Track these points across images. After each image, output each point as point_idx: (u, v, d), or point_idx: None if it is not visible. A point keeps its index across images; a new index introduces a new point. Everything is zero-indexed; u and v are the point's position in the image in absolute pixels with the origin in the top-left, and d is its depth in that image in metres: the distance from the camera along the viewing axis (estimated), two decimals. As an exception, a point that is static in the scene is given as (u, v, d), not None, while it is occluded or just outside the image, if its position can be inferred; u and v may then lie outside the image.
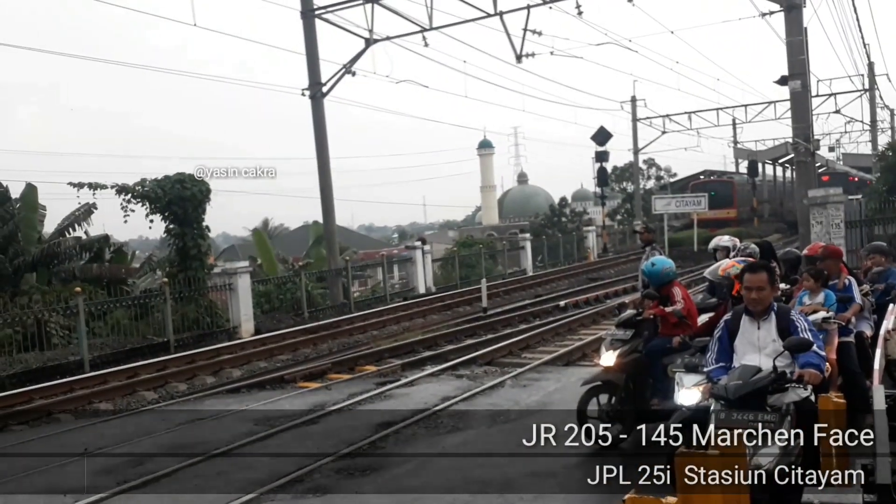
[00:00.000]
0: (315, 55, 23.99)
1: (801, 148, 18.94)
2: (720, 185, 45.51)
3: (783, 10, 18.58)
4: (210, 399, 12.36)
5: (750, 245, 10.65)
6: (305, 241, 32.84)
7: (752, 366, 5.34)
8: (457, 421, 9.52)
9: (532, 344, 15.51)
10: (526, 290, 26.39)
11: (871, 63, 43.22)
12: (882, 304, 8.24)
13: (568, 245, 39.16)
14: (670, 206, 37.41)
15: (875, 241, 13.08)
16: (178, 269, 18.95)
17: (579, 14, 20.81)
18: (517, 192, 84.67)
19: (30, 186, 20.82)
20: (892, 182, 22.51)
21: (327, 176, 24.60)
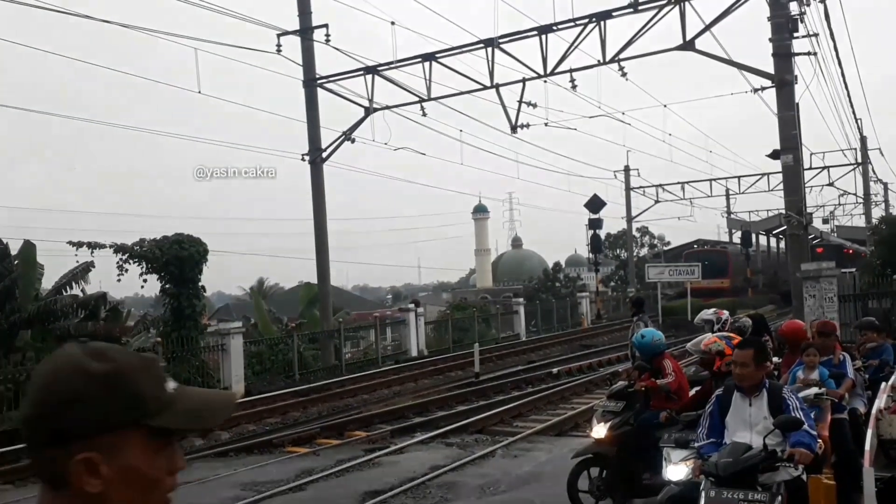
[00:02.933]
0: (316, 122, 24.46)
1: (794, 221, 19.03)
2: (714, 254, 45.79)
3: (774, 85, 18.93)
4: (197, 462, 12.11)
5: (740, 318, 10.73)
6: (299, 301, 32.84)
7: (743, 443, 5.33)
8: (445, 491, 9.35)
9: (524, 412, 15.43)
10: (519, 355, 26.32)
11: (864, 137, 43.84)
12: (876, 380, 8.19)
13: (562, 310, 39.18)
14: (664, 275, 37.51)
15: (869, 315, 13.01)
16: (172, 328, 18.97)
17: (573, 88, 21.19)
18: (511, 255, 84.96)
19: (28, 244, 20.88)
20: (887, 256, 22.58)
21: (324, 238, 24.78)
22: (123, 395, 1.20)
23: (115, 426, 1.19)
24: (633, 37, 19.87)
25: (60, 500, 1.20)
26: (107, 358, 1.22)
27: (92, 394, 1.18)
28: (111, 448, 1.19)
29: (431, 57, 22.07)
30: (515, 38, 21.46)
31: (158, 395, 1.24)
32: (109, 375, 1.20)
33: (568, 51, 20.74)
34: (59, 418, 1.18)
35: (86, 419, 1.18)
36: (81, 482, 1.17)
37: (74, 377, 1.19)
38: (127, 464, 1.20)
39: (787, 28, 18.29)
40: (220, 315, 32.98)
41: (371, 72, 23.04)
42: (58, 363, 1.23)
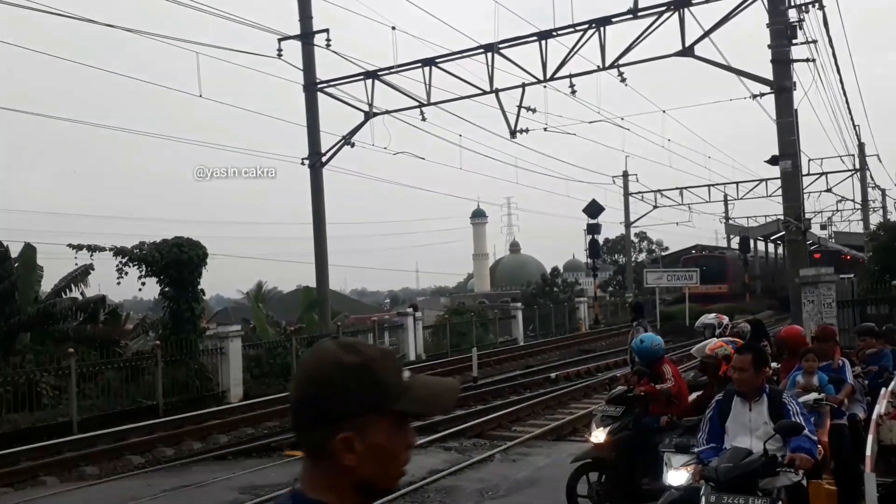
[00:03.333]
0: (316, 127, 24.50)
1: (793, 227, 19.09)
2: (712, 260, 45.88)
3: (773, 92, 19.00)
4: (196, 465, 12.22)
5: (739, 324, 10.74)
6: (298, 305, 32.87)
7: (743, 448, 5.32)
8: (444, 496, 9.36)
9: (522, 416, 15.45)
10: (517, 360, 26.37)
11: (862, 144, 43.97)
12: (875, 386, 8.18)
13: (560, 315, 39.23)
14: (662, 280, 37.60)
15: (867, 321, 12.96)
16: (171, 331, 18.98)
17: (573, 93, 21.26)
18: (509, 260, 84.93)
19: (28, 247, 20.92)
20: (885, 262, 22.63)
21: (323, 242, 24.82)
22: (371, 383, 1.44)
23: (366, 409, 1.43)
24: (633, 43, 19.96)
25: (321, 469, 1.44)
26: (357, 352, 1.47)
27: (347, 382, 1.43)
28: (363, 428, 1.42)
29: (431, 62, 22.14)
30: (515, 43, 21.55)
31: (398, 383, 1.48)
32: (359, 367, 1.44)
33: (567, 56, 20.82)
34: (321, 402, 1.42)
35: (343, 403, 1.42)
36: (341, 457, 1.41)
37: (332, 368, 1.43)
38: (375, 441, 1.43)
39: (785, 35, 18.40)
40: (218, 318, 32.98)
41: (371, 76, 23.10)
42: (318, 356, 1.47)
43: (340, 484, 1.43)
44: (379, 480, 1.47)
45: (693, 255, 47.70)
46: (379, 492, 1.49)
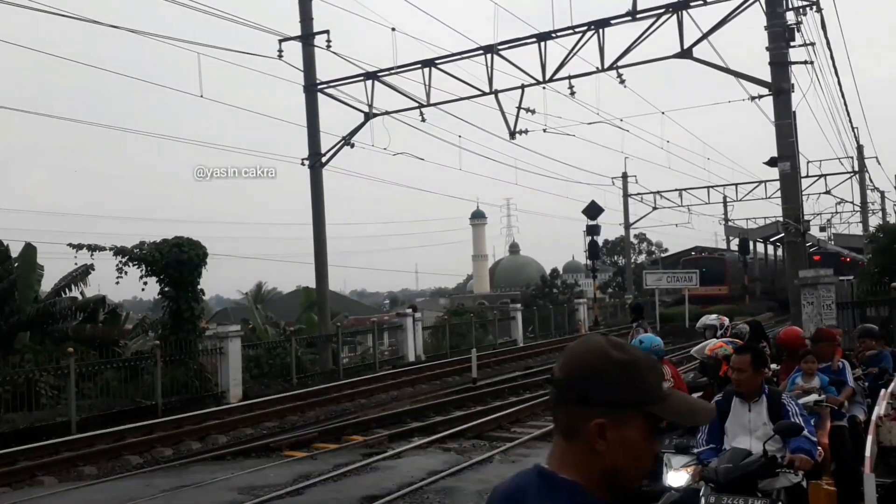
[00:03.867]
0: (316, 127, 24.53)
1: (792, 228, 19.14)
2: (712, 261, 45.95)
3: (772, 94, 19.04)
4: (195, 465, 12.20)
5: (738, 325, 10.74)
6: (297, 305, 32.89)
7: (743, 449, 5.33)
8: (443, 497, 9.36)
9: (522, 418, 15.44)
10: (516, 361, 26.38)
11: (861, 146, 44.07)
12: (875, 387, 8.17)
13: (559, 316, 39.27)
14: (661, 282, 37.66)
15: (867, 322, 12.94)
16: (171, 331, 18.99)
17: (572, 94, 21.29)
18: (509, 262, 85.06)
19: (29, 246, 20.95)
20: (885, 264, 22.64)
21: (322, 243, 24.84)
22: (635, 381, 1.53)
23: (624, 404, 1.52)
24: (632, 44, 19.99)
25: (571, 447, 1.53)
26: (625, 351, 1.56)
27: (611, 374, 1.52)
28: (618, 420, 1.51)
29: (431, 63, 22.15)
30: (514, 44, 21.55)
31: (658, 389, 1.56)
32: (626, 364, 1.54)
33: (567, 58, 20.83)
34: (583, 386, 1.52)
35: (604, 392, 1.51)
36: (592, 440, 1.50)
37: (599, 358, 1.53)
38: (627, 435, 1.51)
39: (783, 37, 18.44)
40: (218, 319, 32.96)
41: (371, 77, 23.11)
42: (588, 345, 1.58)
43: (589, 466, 1.51)
44: (623, 471, 1.53)
45: (692, 257, 47.77)
46: (620, 485, 1.55)
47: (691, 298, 37.16)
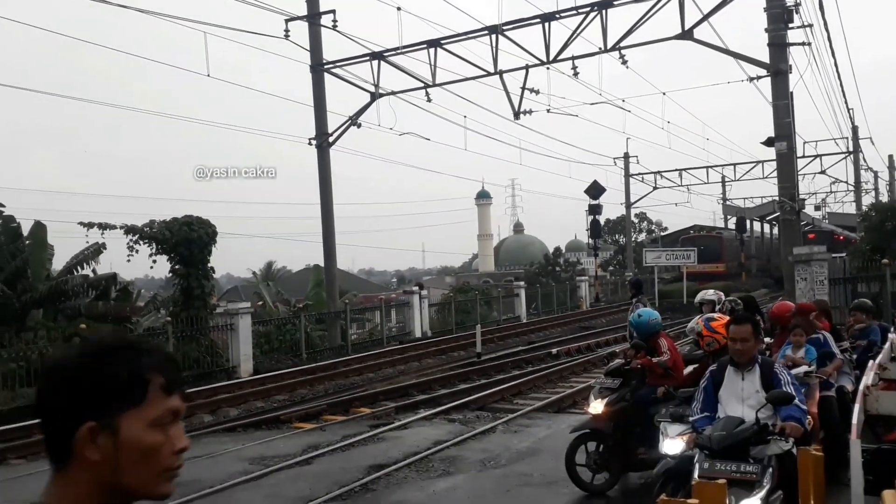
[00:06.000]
0: (323, 107, 24.62)
1: (787, 207, 19.38)
2: (709, 240, 46.11)
3: (770, 75, 19.23)
4: (207, 437, 12.40)
5: (725, 300, 11.00)
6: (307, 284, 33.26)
7: (736, 417, 5.43)
8: (448, 465, 9.57)
9: (524, 390, 15.75)
10: (520, 336, 26.67)
11: (856, 127, 44.22)
12: (864, 360, 8.29)
13: (561, 294, 39.57)
14: (661, 259, 37.93)
15: (859, 298, 13.18)
16: (182, 308, 19.27)
17: (575, 75, 21.41)
18: (513, 241, 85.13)
19: (38, 224, 21.08)
20: (876, 242, 22.89)
21: (330, 221, 25.04)
22: None
23: None
24: (634, 25, 20.05)
25: None
26: None
27: None
28: None
29: (436, 43, 22.18)
30: (519, 25, 21.60)
31: None
32: None
33: (570, 38, 20.88)
34: None
35: None
36: None
37: None
38: None
39: (782, 18, 18.62)
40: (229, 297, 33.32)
41: (377, 58, 23.14)
42: None
43: None
44: None
45: (691, 236, 47.89)
46: None
47: (689, 275, 37.42)
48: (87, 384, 1.32)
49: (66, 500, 1.31)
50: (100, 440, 1.30)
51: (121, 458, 1.31)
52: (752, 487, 5.12)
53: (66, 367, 1.34)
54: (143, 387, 1.34)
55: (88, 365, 1.33)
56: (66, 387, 1.32)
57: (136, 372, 1.35)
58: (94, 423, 1.29)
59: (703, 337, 7.16)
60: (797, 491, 5.11)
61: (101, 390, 1.32)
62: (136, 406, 1.33)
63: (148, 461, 1.34)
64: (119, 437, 1.31)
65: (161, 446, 1.35)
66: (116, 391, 1.32)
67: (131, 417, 1.32)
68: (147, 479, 1.34)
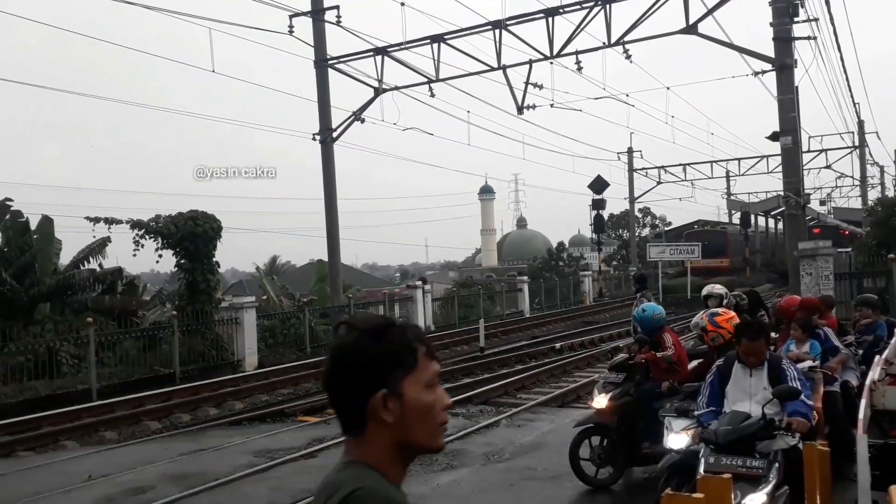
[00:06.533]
0: (327, 102, 24.64)
1: (792, 201, 19.36)
2: (713, 234, 46.06)
3: (775, 69, 19.20)
4: (212, 430, 12.53)
5: (730, 295, 10.98)
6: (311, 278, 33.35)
7: (742, 412, 5.42)
8: (451, 459, 9.59)
9: (528, 384, 15.76)
10: (523, 331, 26.69)
11: (862, 121, 44.10)
12: (870, 355, 8.23)
13: (565, 289, 39.56)
14: (665, 254, 37.86)
15: (864, 293, 13.09)
16: (187, 302, 19.31)
17: (579, 70, 21.42)
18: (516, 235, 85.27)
19: (46, 219, 21.16)
20: (882, 236, 22.81)
21: (334, 216, 25.08)
22: None
23: None
24: (638, 20, 19.99)
25: None
26: None
27: None
28: None
29: (440, 38, 22.16)
30: (523, 20, 21.56)
31: None
32: None
33: (574, 33, 20.83)
34: None
35: None
36: None
37: None
38: None
39: (787, 12, 18.55)
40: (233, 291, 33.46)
41: (380, 53, 23.13)
42: None
43: None
44: None
45: (695, 230, 47.86)
46: None
47: (693, 270, 37.39)
48: (373, 359, 1.52)
49: (371, 458, 1.53)
50: (390, 404, 1.50)
51: (407, 418, 1.52)
52: (757, 482, 5.10)
53: (352, 346, 1.55)
54: (413, 355, 1.55)
55: (370, 343, 1.54)
56: (356, 363, 1.52)
57: (407, 343, 1.56)
58: (385, 391, 1.50)
59: (707, 332, 7.13)
60: (803, 486, 5.08)
61: (385, 362, 1.52)
62: (411, 372, 1.54)
63: (427, 418, 1.55)
64: (404, 400, 1.52)
65: (435, 404, 1.57)
66: (397, 361, 1.53)
67: (410, 382, 1.53)
68: (428, 434, 1.57)
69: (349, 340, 1.56)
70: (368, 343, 1.54)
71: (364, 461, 1.54)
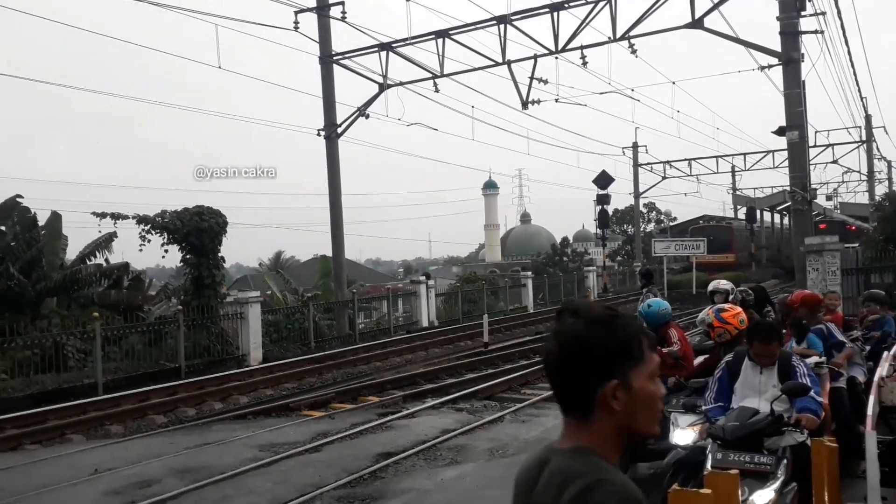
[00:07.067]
0: (331, 98, 24.63)
1: (798, 197, 19.26)
2: (719, 230, 45.97)
3: (781, 63, 19.09)
4: (217, 424, 12.55)
5: (736, 290, 10.93)
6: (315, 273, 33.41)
7: (750, 408, 5.39)
8: (455, 454, 9.63)
9: (532, 380, 15.74)
10: (527, 326, 26.70)
11: (869, 116, 43.87)
12: (877, 351, 8.27)
13: (569, 284, 39.53)
14: (670, 250, 37.84)
15: (871, 289, 12.90)
16: (193, 297, 19.42)
17: (584, 64, 21.33)
18: (520, 231, 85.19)
19: (55, 214, 21.30)
20: (890, 232, 22.65)
21: (338, 212, 25.09)
22: None
23: None
24: (644, 14, 19.91)
25: None
26: None
27: None
28: None
29: (445, 34, 22.10)
30: (528, 14, 21.48)
31: None
32: None
33: (579, 28, 20.75)
34: None
35: None
36: None
37: None
38: None
39: (794, 6, 18.43)
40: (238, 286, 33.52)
41: (385, 48, 23.10)
42: None
43: None
44: None
45: (700, 226, 47.76)
46: None
47: (699, 266, 37.35)
48: (607, 350, 1.59)
49: (597, 443, 1.60)
50: (619, 394, 1.58)
51: (634, 407, 1.59)
52: (765, 479, 5.07)
53: (586, 337, 1.60)
54: (639, 347, 1.63)
55: (603, 334, 1.60)
56: (591, 353, 1.59)
57: (634, 335, 1.63)
58: (617, 381, 1.57)
59: (713, 328, 7.10)
60: (811, 483, 5.06)
61: (617, 354, 1.59)
62: (638, 363, 1.61)
63: (650, 407, 1.63)
64: (633, 390, 1.59)
65: (657, 394, 1.65)
66: (627, 353, 1.60)
67: (637, 373, 1.60)
68: (648, 422, 1.64)
69: (580, 330, 1.61)
70: (601, 334, 1.60)
71: (590, 447, 1.60)
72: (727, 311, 7.22)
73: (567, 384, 1.63)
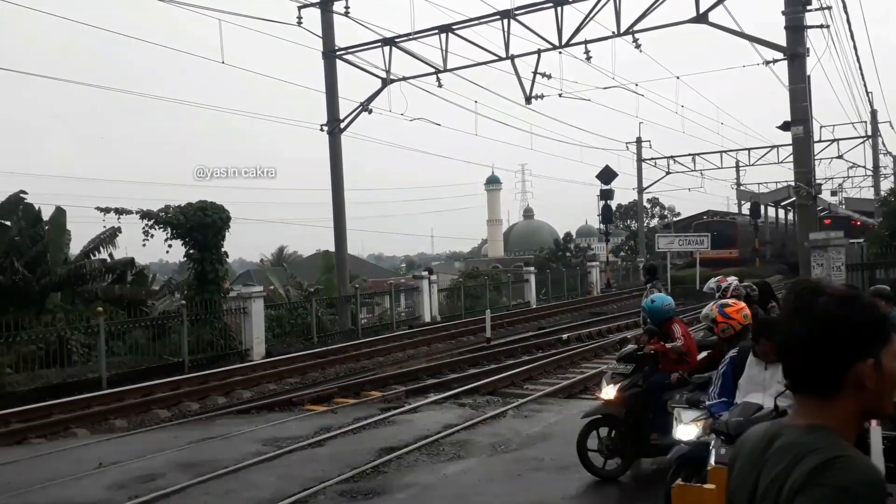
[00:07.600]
0: (335, 93, 24.67)
1: (803, 192, 19.23)
2: (723, 225, 45.93)
3: (786, 58, 19.05)
4: (221, 419, 12.59)
5: (739, 286, 10.89)
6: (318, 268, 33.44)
7: (754, 403, 5.37)
8: (458, 449, 9.64)
9: (534, 375, 15.77)
10: (529, 322, 26.68)
11: (875, 111, 43.73)
12: None
13: (572, 279, 39.51)
14: (673, 245, 37.78)
15: (877, 284, 13.02)
16: (196, 292, 19.43)
17: (588, 59, 21.28)
18: (523, 226, 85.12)
19: (59, 210, 21.31)
20: (895, 227, 22.69)
21: (341, 207, 25.11)
22: None
23: None
24: (648, 9, 19.88)
25: None
26: None
27: None
28: None
29: (448, 28, 22.09)
30: (531, 9, 21.46)
31: None
32: None
33: (583, 22, 20.71)
34: None
35: None
36: None
37: None
38: None
39: (800, 0, 18.39)
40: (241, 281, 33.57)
41: (388, 43, 23.11)
42: None
43: None
44: None
45: (704, 221, 47.73)
46: None
47: (702, 261, 37.30)
48: (864, 328, 1.59)
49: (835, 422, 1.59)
50: (873, 372, 1.58)
51: (882, 386, 1.59)
52: None
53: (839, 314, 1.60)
54: (887, 326, 1.62)
55: (857, 311, 1.60)
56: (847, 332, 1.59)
57: (882, 314, 1.63)
58: (873, 360, 1.58)
59: (717, 323, 7.10)
60: None
61: (871, 332, 1.60)
62: (887, 342, 1.61)
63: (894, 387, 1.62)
64: (883, 369, 1.59)
65: None
66: (878, 332, 1.60)
67: (886, 352, 1.60)
68: (888, 402, 1.63)
69: (835, 308, 1.61)
70: (857, 312, 1.60)
71: (826, 425, 1.59)
72: (731, 306, 7.14)
73: (816, 363, 1.61)
